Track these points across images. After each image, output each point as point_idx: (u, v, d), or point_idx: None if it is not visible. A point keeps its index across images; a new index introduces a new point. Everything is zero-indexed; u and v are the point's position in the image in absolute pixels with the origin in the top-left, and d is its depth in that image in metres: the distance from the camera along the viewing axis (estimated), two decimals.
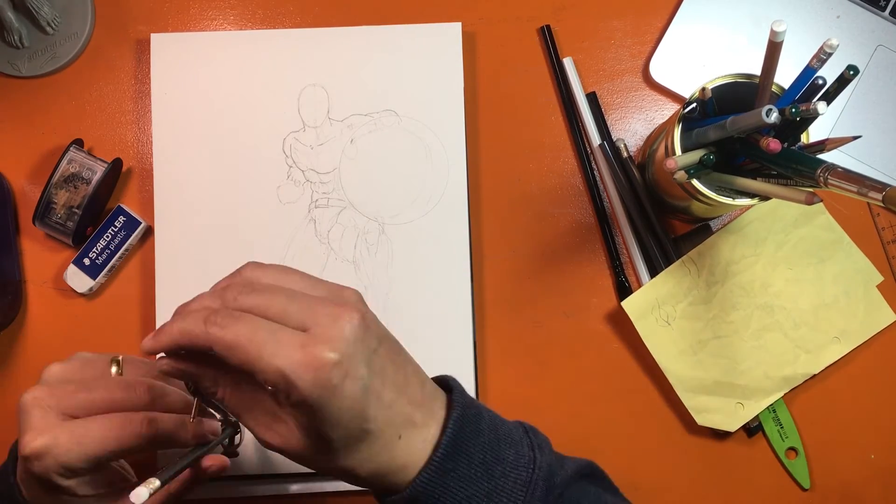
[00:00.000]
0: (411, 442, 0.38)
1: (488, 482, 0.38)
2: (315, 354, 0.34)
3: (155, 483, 0.37)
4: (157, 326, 0.56)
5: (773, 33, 0.42)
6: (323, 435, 0.36)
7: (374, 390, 0.36)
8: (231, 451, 0.48)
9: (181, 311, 0.38)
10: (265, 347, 0.34)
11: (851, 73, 0.42)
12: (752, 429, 0.57)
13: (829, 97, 0.44)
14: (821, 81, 0.44)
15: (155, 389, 0.44)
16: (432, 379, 0.42)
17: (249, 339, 0.34)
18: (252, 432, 0.38)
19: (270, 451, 0.55)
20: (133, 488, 0.36)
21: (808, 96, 0.45)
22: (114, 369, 0.45)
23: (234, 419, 0.47)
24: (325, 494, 0.57)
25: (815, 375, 0.57)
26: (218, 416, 0.47)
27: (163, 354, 0.40)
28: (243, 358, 0.34)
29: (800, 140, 0.48)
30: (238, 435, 0.48)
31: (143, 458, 0.54)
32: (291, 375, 0.34)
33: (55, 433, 0.39)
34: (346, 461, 0.37)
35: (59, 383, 0.42)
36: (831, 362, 0.57)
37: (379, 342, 0.37)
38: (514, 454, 0.39)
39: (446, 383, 0.42)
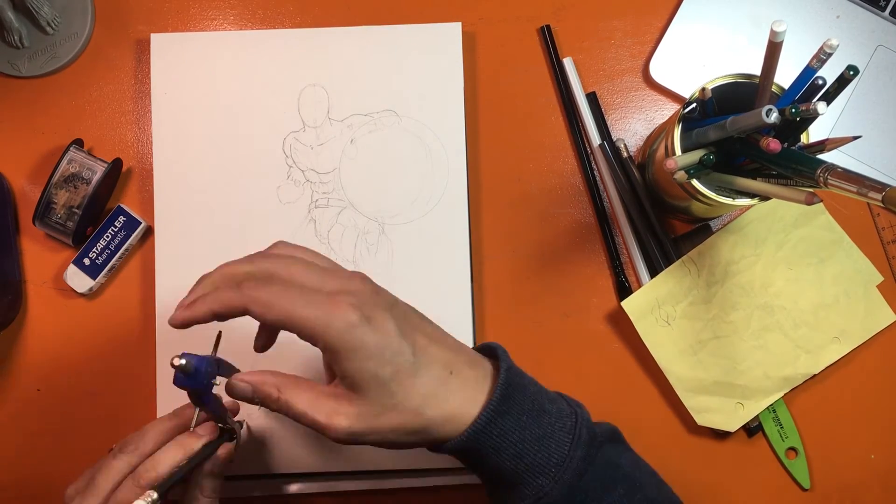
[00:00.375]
0: (465, 383, 0.41)
1: (538, 427, 0.41)
2: (339, 301, 0.38)
3: (153, 495, 0.37)
4: (158, 326, 0.56)
5: (773, 33, 0.42)
6: (376, 378, 0.39)
7: (405, 332, 0.40)
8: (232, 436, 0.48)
9: (206, 281, 0.41)
10: (297, 303, 0.38)
11: (851, 73, 0.42)
12: (752, 429, 0.57)
13: (829, 97, 0.44)
14: (821, 81, 0.44)
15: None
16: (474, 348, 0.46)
17: (282, 296, 0.38)
18: (320, 427, 0.40)
19: (271, 452, 0.56)
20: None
21: (808, 96, 0.45)
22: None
23: (229, 426, 0.47)
24: (325, 494, 0.57)
25: (815, 375, 0.57)
26: (218, 423, 0.47)
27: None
28: (279, 314, 0.38)
29: (800, 140, 0.48)
30: (235, 441, 0.48)
31: None
32: (323, 320, 0.38)
33: None
34: (409, 401, 0.39)
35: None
36: (831, 362, 0.57)
37: (395, 301, 0.42)
38: (556, 408, 0.43)
39: (489, 349, 0.46)
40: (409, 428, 0.40)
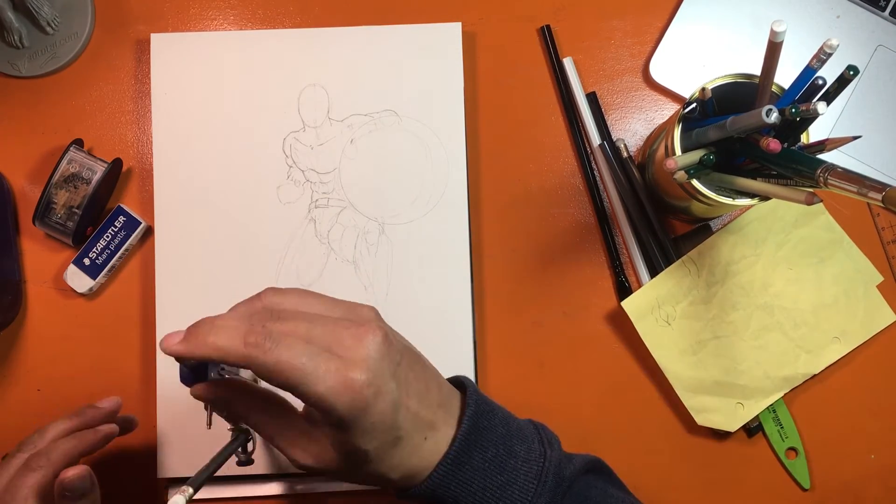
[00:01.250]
0: (436, 441, 0.40)
1: (501, 475, 0.40)
2: (349, 377, 0.36)
3: (189, 491, 0.38)
4: (158, 326, 0.56)
5: (773, 33, 0.42)
6: (358, 449, 0.38)
7: (402, 401, 0.39)
8: (246, 458, 0.48)
9: (210, 325, 0.38)
10: (305, 373, 0.36)
11: (851, 73, 0.42)
12: (752, 429, 0.57)
13: (829, 97, 0.44)
14: (821, 81, 0.44)
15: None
16: (447, 379, 0.44)
17: (290, 364, 0.36)
18: (285, 454, 0.40)
19: (272, 452, 0.56)
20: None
21: (808, 96, 0.45)
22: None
23: (245, 426, 0.46)
24: (325, 494, 0.57)
25: (815, 375, 0.57)
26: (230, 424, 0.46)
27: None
28: (284, 382, 0.36)
29: (800, 140, 0.48)
30: (251, 441, 0.48)
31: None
32: (331, 399, 0.36)
33: None
34: (379, 468, 0.39)
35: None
36: (831, 362, 0.57)
37: (401, 355, 0.40)
38: (525, 449, 0.41)
39: (461, 383, 0.44)
40: (371, 481, 0.41)
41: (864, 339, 0.57)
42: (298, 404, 0.40)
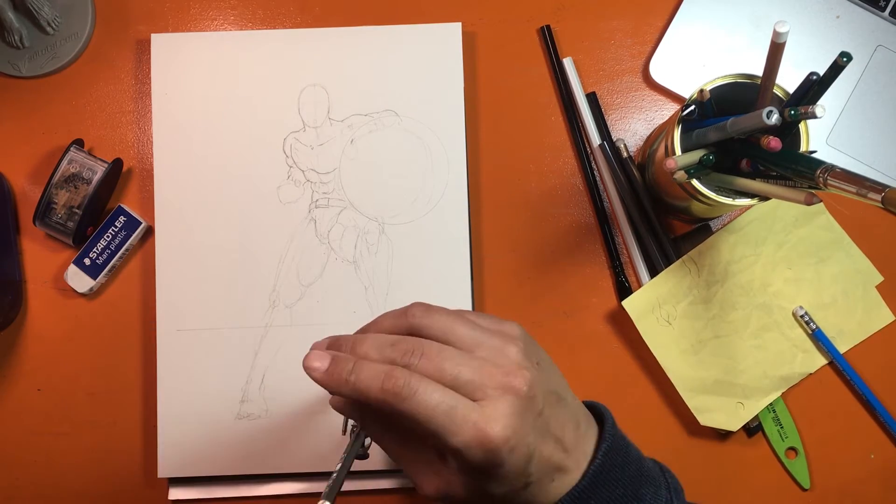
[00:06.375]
0: (563, 482, 0.38)
1: None
2: (487, 434, 0.35)
3: None
4: (158, 326, 0.56)
5: (776, 34, 0.42)
6: (485, 493, 0.37)
7: (537, 451, 0.37)
8: (364, 452, 0.48)
9: (352, 363, 0.37)
10: (440, 424, 0.35)
11: (845, 59, 0.42)
12: (752, 429, 0.57)
13: (823, 84, 0.44)
14: (815, 77, 0.44)
15: None
16: (585, 403, 0.42)
17: (426, 415, 0.35)
18: (410, 478, 0.39)
19: (272, 452, 0.56)
20: None
21: (805, 93, 0.45)
22: None
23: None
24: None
25: (812, 374, 0.57)
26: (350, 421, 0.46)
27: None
28: (421, 429, 0.35)
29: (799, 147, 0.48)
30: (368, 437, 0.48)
31: None
32: (465, 452, 0.35)
33: None
34: None
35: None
36: (828, 362, 0.57)
37: (544, 401, 0.38)
38: (652, 493, 0.39)
39: (599, 412, 0.42)
40: None
41: (860, 338, 0.57)
42: None
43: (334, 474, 0.40)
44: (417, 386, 0.35)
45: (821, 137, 0.59)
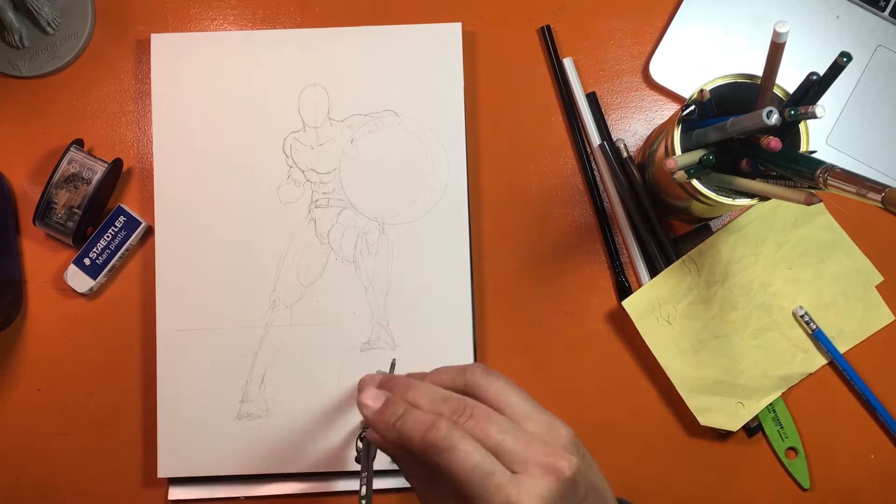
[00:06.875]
0: None
1: None
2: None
3: None
4: (158, 326, 0.56)
5: (776, 34, 0.42)
6: None
7: None
8: (373, 455, 0.50)
9: (402, 410, 0.37)
10: (476, 486, 0.34)
11: (844, 59, 0.42)
12: (752, 429, 0.57)
13: (823, 84, 0.44)
14: (815, 77, 0.44)
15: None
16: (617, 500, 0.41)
17: (464, 472, 0.35)
18: None
19: (271, 452, 0.56)
20: None
21: (806, 93, 0.45)
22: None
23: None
24: (326, 494, 0.57)
25: (812, 374, 0.57)
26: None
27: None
28: (454, 485, 0.35)
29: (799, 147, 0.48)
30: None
31: None
32: None
33: None
34: None
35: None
36: (828, 362, 0.57)
37: (586, 490, 0.37)
38: None
39: None
40: None
41: (860, 338, 0.57)
42: None
43: (365, 492, 0.41)
44: (459, 442, 0.35)
45: (821, 137, 0.59)
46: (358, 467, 0.51)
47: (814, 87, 0.44)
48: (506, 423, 0.36)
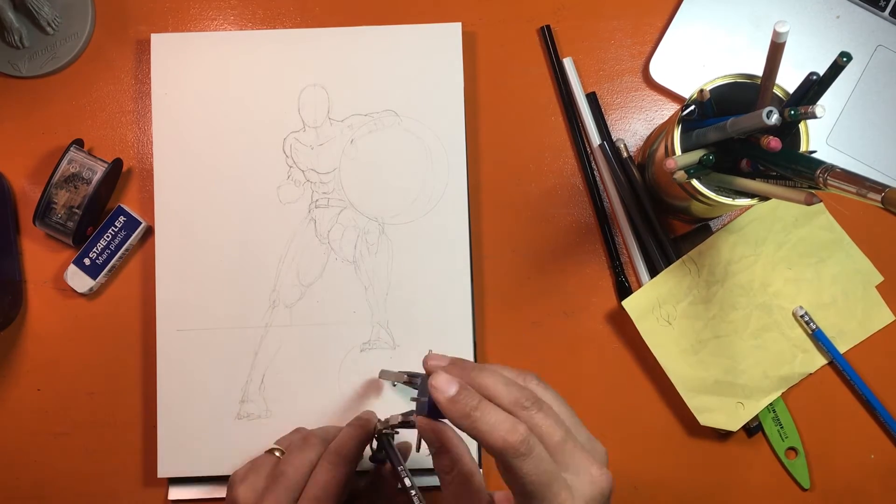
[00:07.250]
0: None
1: None
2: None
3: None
4: (158, 326, 0.56)
5: (776, 34, 0.42)
6: None
7: None
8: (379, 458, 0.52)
9: (480, 404, 0.38)
10: (538, 489, 0.36)
11: (844, 59, 0.42)
12: (752, 429, 0.57)
13: (823, 84, 0.44)
14: (815, 77, 0.44)
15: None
16: None
17: (535, 476, 0.36)
18: None
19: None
20: None
21: (806, 93, 0.45)
22: (277, 454, 0.50)
23: (382, 430, 0.49)
24: None
25: (812, 374, 0.57)
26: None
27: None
28: (516, 485, 0.37)
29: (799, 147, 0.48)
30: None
31: None
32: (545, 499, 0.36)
33: None
34: None
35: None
36: (828, 362, 0.57)
37: None
38: None
39: None
40: None
41: (860, 339, 0.57)
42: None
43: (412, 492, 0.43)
44: (534, 448, 0.36)
45: (821, 137, 0.59)
46: (370, 466, 0.52)
47: (814, 87, 0.44)
48: (566, 428, 0.39)
